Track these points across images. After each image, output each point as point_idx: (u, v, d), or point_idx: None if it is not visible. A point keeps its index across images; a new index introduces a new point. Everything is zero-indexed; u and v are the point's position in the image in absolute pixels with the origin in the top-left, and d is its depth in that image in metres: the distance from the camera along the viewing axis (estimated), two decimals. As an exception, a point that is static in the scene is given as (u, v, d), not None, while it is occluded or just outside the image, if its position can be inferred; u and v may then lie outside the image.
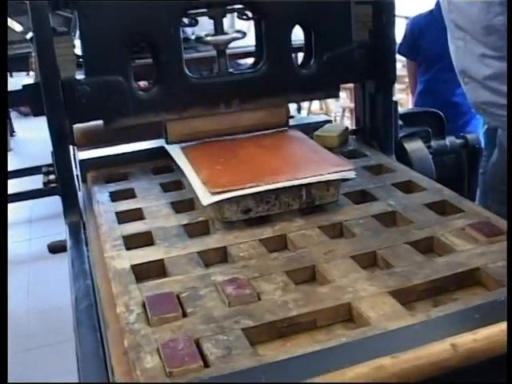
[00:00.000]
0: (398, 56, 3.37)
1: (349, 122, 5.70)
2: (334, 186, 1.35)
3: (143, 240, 1.28)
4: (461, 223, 1.24)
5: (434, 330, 0.91)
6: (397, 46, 1.97)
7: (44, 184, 1.67)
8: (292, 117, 1.98)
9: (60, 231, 1.56)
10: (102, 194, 1.49)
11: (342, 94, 6.32)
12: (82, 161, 1.68)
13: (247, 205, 1.29)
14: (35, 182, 1.82)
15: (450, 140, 1.98)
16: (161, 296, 1.04)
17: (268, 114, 1.69)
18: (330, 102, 6.30)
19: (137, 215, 1.39)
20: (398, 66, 3.76)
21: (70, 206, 1.59)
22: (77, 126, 1.87)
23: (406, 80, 3.86)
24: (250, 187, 1.28)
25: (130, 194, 1.50)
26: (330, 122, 1.90)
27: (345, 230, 1.28)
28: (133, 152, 1.73)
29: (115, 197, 1.49)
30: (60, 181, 1.60)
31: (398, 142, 1.78)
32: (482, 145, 2.13)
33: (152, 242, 1.27)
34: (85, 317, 1.14)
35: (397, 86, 6.45)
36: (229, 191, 1.26)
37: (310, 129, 1.78)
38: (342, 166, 1.36)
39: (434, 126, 1.94)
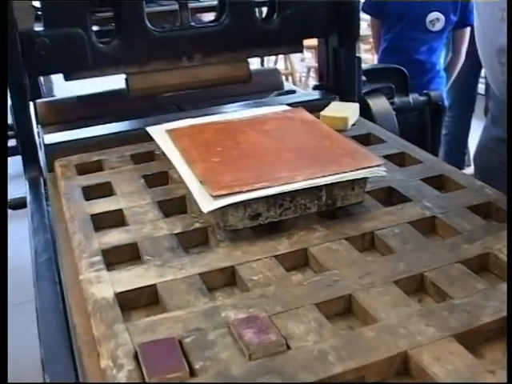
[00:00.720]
0: (362, 15, 3.30)
1: (314, 83, 5.56)
2: (359, 184, 1.11)
3: (128, 255, 1.03)
4: (518, 234, 1.01)
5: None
6: (361, 5, 1.99)
7: (3, 139, 1.51)
8: (294, 91, 1.73)
9: (24, 191, 1.48)
10: (73, 190, 1.23)
11: (307, 54, 6.24)
12: (48, 146, 1.41)
13: (256, 209, 1.04)
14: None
15: (413, 97, 1.96)
16: (159, 344, 0.79)
17: (230, 68, 1.66)
18: (295, 62, 6.30)
19: (117, 219, 1.14)
20: (364, 25, 3.55)
21: (30, 161, 1.51)
22: (41, 100, 1.66)
23: (371, 40, 3.67)
24: (262, 188, 1.03)
25: (107, 190, 1.25)
26: (333, 99, 1.65)
27: (378, 241, 1.04)
28: (108, 135, 1.46)
29: (89, 193, 1.23)
30: (19, 136, 1.52)
31: (361, 97, 1.74)
32: (445, 102, 2.20)
33: (139, 258, 1.02)
34: (44, 270, 1.09)
35: (362, 47, 6.36)
36: (235, 194, 1.01)
37: (313, 107, 1.53)
38: (370, 161, 1.11)
39: (397, 82, 1.93)
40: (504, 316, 0.83)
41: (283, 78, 2.01)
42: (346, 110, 1.50)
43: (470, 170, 3.23)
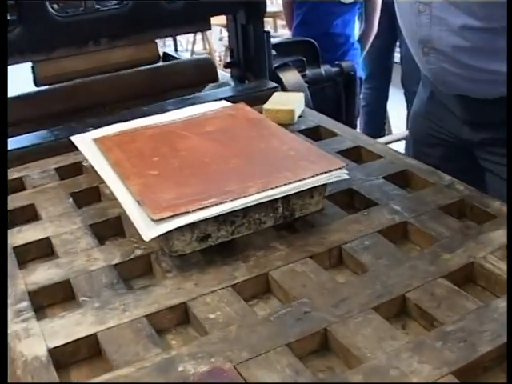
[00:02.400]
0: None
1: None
2: (318, 191, 0.98)
3: (60, 295, 0.89)
4: (501, 237, 0.91)
5: None
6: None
7: None
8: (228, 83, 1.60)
9: None
10: (-10, 218, 1.06)
11: (226, 33, 6.18)
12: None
13: (205, 229, 0.91)
14: None
15: (325, 68, 1.98)
16: (106, 418, 0.65)
17: (138, 50, 1.65)
18: (214, 41, 6.29)
19: (45, 250, 0.99)
20: (280, 0, 3.44)
21: None
22: None
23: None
24: (211, 206, 0.89)
25: (31, 214, 1.09)
26: (276, 89, 1.52)
27: (347, 257, 0.92)
28: (28, 147, 1.30)
29: (10, 219, 1.06)
30: None
31: (272, 72, 1.69)
32: (360, 73, 2.26)
33: (73, 297, 0.87)
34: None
35: (279, 22, 6.29)
36: (180, 215, 0.87)
37: (254, 98, 1.40)
38: (330, 164, 0.98)
39: (308, 55, 1.94)
40: (504, 342, 0.72)
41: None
42: (290, 102, 1.37)
43: (388, 138, 3.24)
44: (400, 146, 2.88)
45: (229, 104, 1.31)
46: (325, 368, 0.74)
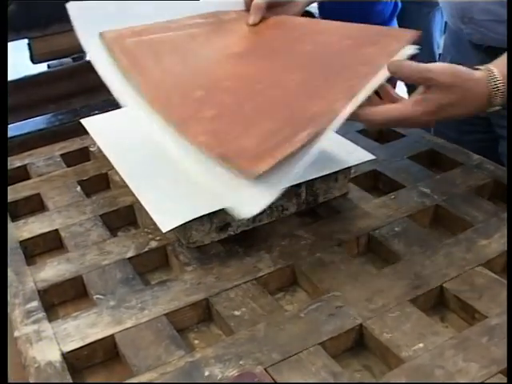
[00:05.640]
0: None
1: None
2: (344, 173, 0.92)
3: (72, 292, 0.83)
4: (541, 220, 0.85)
5: None
6: None
7: None
8: None
9: None
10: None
11: None
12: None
13: (224, 218, 0.85)
14: None
15: None
16: (129, 431, 0.59)
17: None
18: None
19: (53, 244, 0.93)
20: None
21: None
22: None
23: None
24: (310, 139, 0.70)
25: (37, 204, 1.03)
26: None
27: (376, 245, 0.86)
28: (32, 132, 1.23)
29: (15, 211, 1.01)
30: None
31: None
32: None
33: (86, 296, 0.82)
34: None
35: None
36: (281, 163, 0.69)
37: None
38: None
39: None
40: (556, 336, 0.66)
41: None
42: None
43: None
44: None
45: None
46: (361, 367, 0.69)
